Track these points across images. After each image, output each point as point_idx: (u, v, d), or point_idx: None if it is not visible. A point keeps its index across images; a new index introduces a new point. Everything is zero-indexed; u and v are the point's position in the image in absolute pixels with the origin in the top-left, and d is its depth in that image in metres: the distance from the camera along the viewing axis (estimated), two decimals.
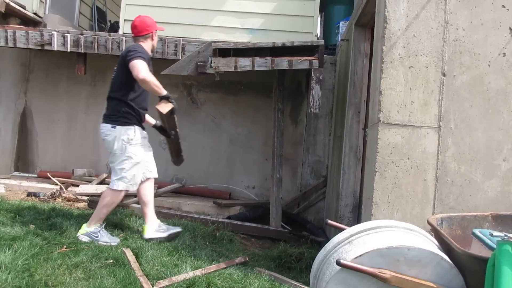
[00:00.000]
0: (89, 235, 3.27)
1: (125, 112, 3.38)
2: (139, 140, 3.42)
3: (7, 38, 4.96)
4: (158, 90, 3.35)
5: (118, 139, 3.35)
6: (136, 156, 3.39)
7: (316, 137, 5.60)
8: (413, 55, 2.73)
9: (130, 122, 3.39)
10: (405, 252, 1.94)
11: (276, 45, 4.26)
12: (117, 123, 3.36)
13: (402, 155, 2.72)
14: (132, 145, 3.37)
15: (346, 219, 4.11)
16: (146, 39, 3.51)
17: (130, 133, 3.37)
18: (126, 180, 3.37)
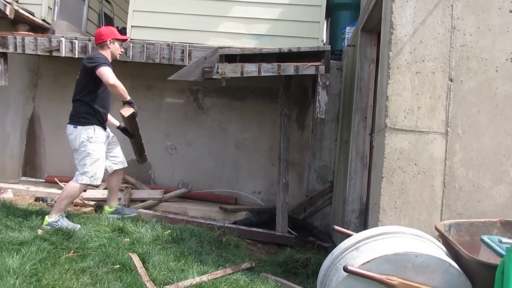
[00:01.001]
0: (50, 225, 3.57)
1: (85, 112, 3.75)
2: (99, 138, 3.78)
3: (16, 44, 5.01)
4: (124, 95, 3.75)
5: (79, 138, 3.71)
6: (96, 153, 3.75)
7: (322, 142, 5.59)
8: (420, 60, 2.73)
9: (90, 122, 3.75)
10: (412, 258, 1.92)
11: (282, 51, 4.27)
12: (78, 123, 3.74)
13: (409, 161, 2.71)
14: (92, 143, 3.73)
15: (353, 225, 4.09)
16: (103, 47, 3.92)
17: (90, 132, 3.73)
18: (88, 175, 3.72)
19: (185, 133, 5.81)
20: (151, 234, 3.58)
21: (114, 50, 3.95)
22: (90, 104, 3.76)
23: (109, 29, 4.01)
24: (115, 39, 3.94)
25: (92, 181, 3.74)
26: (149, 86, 5.84)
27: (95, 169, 3.74)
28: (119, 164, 4.09)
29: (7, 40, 5.03)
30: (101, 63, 3.64)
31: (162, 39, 5.79)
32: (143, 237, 3.49)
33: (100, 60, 3.67)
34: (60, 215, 3.66)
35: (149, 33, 5.86)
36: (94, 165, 3.73)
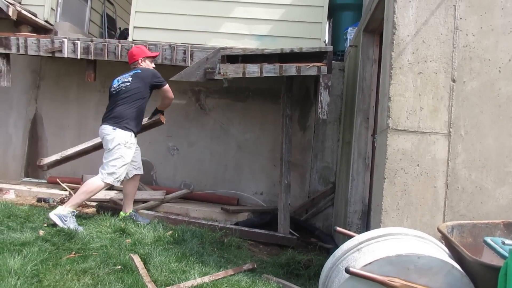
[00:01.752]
0: (60, 217, 3.61)
1: (129, 118, 3.96)
2: (133, 145, 3.99)
3: (19, 45, 5.02)
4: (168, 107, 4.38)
5: (116, 140, 3.86)
6: (127, 158, 3.91)
7: (324, 143, 5.58)
8: (422, 61, 2.72)
9: (130, 128, 3.95)
10: (415, 260, 1.91)
11: (284, 51, 4.27)
12: (119, 126, 3.91)
13: (411, 162, 2.70)
14: (127, 148, 3.90)
15: (355, 226, 4.08)
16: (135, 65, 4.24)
17: (127, 137, 3.92)
18: (115, 176, 3.85)
19: (187, 134, 5.81)
20: (152, 235, 3.57)
21: (146, 66, 4.22)
22: (137, 112, 4.01)
23: (139, 48, 4.31)
24: (145, 57, 4.23)
25: (115, 182, 3.89)
26: None
27: (122, 172, 3.90)
28: (138, 170, 4.22)
29: (10, 41, 5.03)
30: (166, 82, 4.17)
31: (164, 40, 5.79)
32: (144, 238, 3.49)
33: (164, 81, 4.16)
34: (72, 212, 3.70)
35: (151, 34, 5.86)
36: (122, 168, 3.89)
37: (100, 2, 7.45)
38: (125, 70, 5.74)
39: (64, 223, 3.57)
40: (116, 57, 4.99)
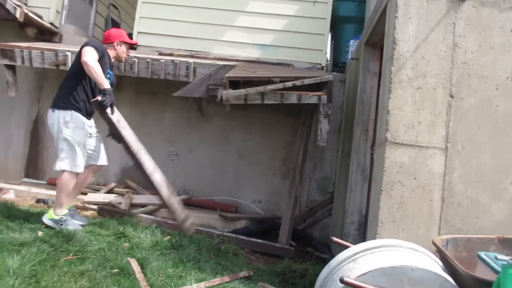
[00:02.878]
0: (55, 222, 3.56)
1: (65, 98, 3.63)
2: (77, 124, 3.62)
3: (23, 57, 5.08)
4: (97, 79, 3.52)
5: (57, 123, 3.61)
6: (72, 138, 3.60)
7: (324, 153, 5.62)
8: (421, 76, 2.76)
9: (68, 106, 3.61)
10: (409, 272, 1.94)
11: (286, 86, 4.10)
12: (56, 107, 3.64)
13: (408, 175, 2.73)
14: (69, 128, 3.59)
15: (352, 237, 4.10)
16: (109, 47, 3.88)
17: (66, 116, 3.60)
18: (67, 161, 3.60)
19: (187, 140, 5.85)
20: (150, 239, 3.59)
21: (120, 52, 3.94)
22: (74, 88, 3.64)
23: (118, 31, 4.02)
24: (122, 42, 3.92)
25: (73, 168, 3.60)
26: (153, 92, 5.89)
27: (73, 155, 3.60)
28: (96, 160, 3.87)
29: (15, 53, 5.10)
30: (90, 45, 3.58)
31: (167, 45, 5.88)
32: (142, 242, 3.51)
33: (90, 43, 3.61)
34: (65, 213, 3.63)
35: (155, 39, 5.94)
36: (71, 151, 3.59)
37: (105, 6, 7.54)
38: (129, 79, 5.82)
39: (61, 226, 3.57)
40: (120, 71, 5.01)
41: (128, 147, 3.69)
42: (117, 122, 3.63)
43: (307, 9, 5.72)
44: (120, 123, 3.66)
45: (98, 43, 3.73)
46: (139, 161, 3.71)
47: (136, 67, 4.99)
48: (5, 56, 5.14)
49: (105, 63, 3.70)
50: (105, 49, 3.76)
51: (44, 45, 5.39)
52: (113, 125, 3.67)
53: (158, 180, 3.76)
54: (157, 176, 3.78)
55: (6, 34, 5.84)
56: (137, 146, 3.73)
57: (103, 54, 3.68)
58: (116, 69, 5.07)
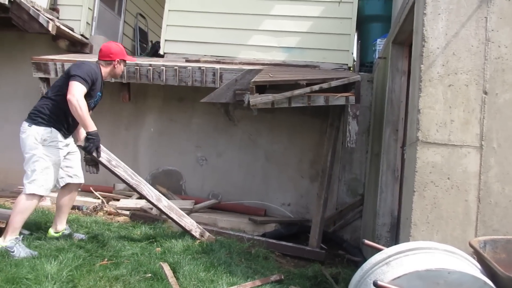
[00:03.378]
0: (5, 250, 3.06)
1: (43, 112, 3.31)
2: (54, 142, 3.31)
3: (56, 70, 5.29)
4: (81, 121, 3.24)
5: (31, 138, 3.25)
6: (48, 158, 3.26)
7: (352, 154, 5.54)
8: (452, 73, 2.69)
9: (47, 123, 3.30)
10: (445, 275, 1.89)
11: (313, 90, 4.07)
12: (33, 122, 3.29)
13: (442, 175, 2.66)
14: (46, 147, 3.26)
15: (384, 239, 4.02)
16: (108, 64, 3.57)
17: (45, 133, 3.28)
18: (37, 183, 3.22)
19: (215, 144, 5.89)
20: (181, 244, 3.63)
21: (119, 71, 3.64)
22: (58, 106, 3.31)
23: (119, 47, 3.64)
24: (122, 60, 3.63)
25: (43, 191, 3.25)
26: (181, 98, 5.97)
27: (46, 176, 3.24)
28: (73, 178, 3.56)
29: (48, 67, 5.31)
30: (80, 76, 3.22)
31: (194, 52, 5.95)
32: (174, 246, 3.55)
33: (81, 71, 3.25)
34: (15, 238, 3.14)
35: (182, 46, 6.03)
36: (44, 172, 3.23)
37: (133, 16, 7.72)
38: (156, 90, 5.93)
39: (13, 254, 3.04)
40: (148, 80, 5.14)
41: (127, 183, 3.57)
42: (108, 163, 3.41)
43: (332, 10, 5.68)
44: (112, 163, 3.44)
45: (88, 70, 3.33)
46: (142, 193, 3.63)
47: (164, 75, 5.09)
48: (40, 70, 5.35)
49: (95, 88, 3.43)
50: (97, 73, 3.43)
51: (76, 57, 5.56)
52: (104, 166, 3.43)
53: (165, 206, 3.72)
54: (163, 203, 3.73)
55: (40, 47, 6.07)
56: (136, 180, 3.59)
57: (95, 79, 3.38)
58: (145, 77, 5.19)
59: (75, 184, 3.61)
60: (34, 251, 3.14)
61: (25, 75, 6.01)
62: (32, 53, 5.76)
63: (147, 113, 6.01)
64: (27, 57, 5.70)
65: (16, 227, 3.17)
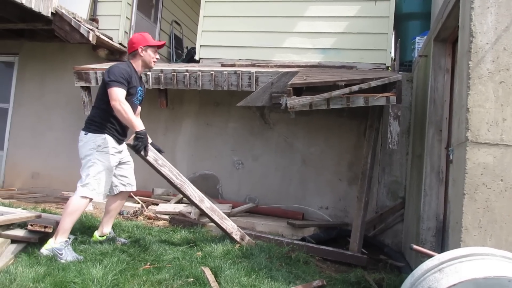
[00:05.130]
0: (53, 251, 3.16)
1: (97, 120, 3.46)
2: (108, 149, 3.43)
3: (97, 78, 5.46)
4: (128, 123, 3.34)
5: (87, 146, 3.41)
6: (101, 163, 3.39)
7: (392, 156, 5.40)
8: (504, 69, 2.55)
9: (101, 130, 3.44)
10: (505, 283, 1.77)
11: (352, 90, 3.96)
12: (89, 130, 3.45)
13: (494, 177, 2.52)
14: (99, 152, 3.40)
15: (429, 244, 3.88)
16: (134, 56, 3.59)
17: (99, 139, 3.41)
18: (90, 187, 3.35)
19: (251, 148, 5.88)
20: (221, 248, 3.63)
21: (147, 58, 3.59)
22: (106, 111, 3.45)
23: (140, 35, 3.63)
24: (147, 46, 3.58)
25: (94, 195, 3.36)
26: (217, 103, 6.01)
27: (99, 181, 3.38)
28: (127, 186, 3.71)
29: (89, 76, 5.49)
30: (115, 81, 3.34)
31: (229, 56, 5.98)
32: (214, 251, 3.55)
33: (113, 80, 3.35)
34: (65, 241, 3.24)
35: (217, 51, 6.07)
36: (98, 177, 3.37)
37: (168, 23, 7.85)
38: (192, 95, 5.99)
39: (61, 257, 3.13)
40: (185, 86, 5.22)
41: (171, 182, 3.61)
42: (154, 162, 3.48)
43: (369, 9, 5.56)
44: (158, 162, 3.51)
45: (118, 71, 3.41)
46: (185, 193, 3.67)
47: (200, 80, 5.13)
48: (81, 79, 5.52)
49: (133, 86, 3.50)
50: (129, 70, 3.48)
51: None
52: (151, 165, 3.50)
53: (208, 208, 3.72)
54: (206, 204, 3.73)
55: (81, 56, 6.27)
56: (180, 180, 3.64)
57: (130, 77, 3.44)
58: (182, 83, 5.25)
59: (127, 192, 3.76)
60: (79, 255, 3.22)
61: (67, 84, 6.23)
62: (73, 62, 5.96)
63: (184, 118, 6.08)
64: (69, 66, 5.91)
65: (65, 228, 3.27)
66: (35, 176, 6.44)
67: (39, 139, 6.50)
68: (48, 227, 3.34)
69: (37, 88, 6.58)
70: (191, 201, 3.74)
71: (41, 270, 2.85)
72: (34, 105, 6.57)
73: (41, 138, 6.49)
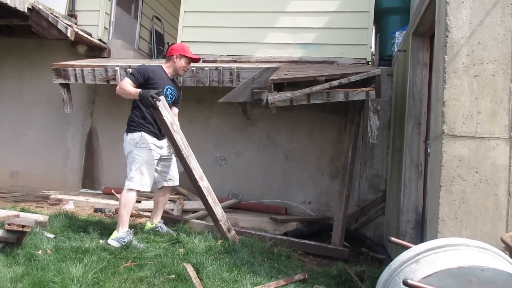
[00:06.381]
0: (118, 240, 3.53)
1: (133, 120, 3.83)
2: (145, 144, 3.75)
3: (76, 75, 5.39)
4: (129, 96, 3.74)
5: (128, 144, 3.79)
6: (141, 158, 3.72)
7: (373, 150, 5.46)
8: (478, 63, 2.60)
9: (137, 129, 3.79)
10: (478, 272, 1.82)
11: (333, 85, 3.99)
12: (128, 130, 3.84)
13: (469, 169, 2.58)
14: (138, 148, 3.74)
15: (408, 236, 3.94)
16: (169, 60, 4.00)
17: (136, 137, 3.76)
18: (134, 180, 3.68)
19: (234, 144, 5.88)
20: (204, 244, 3.62)
21: (179, 65, 3.97)
22: (139, 111, 3.82)
23: (181, 45, 4.09)
24: (182, 55, 3.95)
25: (139, 187, 3.69)
26: (198, 99, 5.98)
27: (140, 174, 3.70)
28: (169, 182, 4.03)
29: (68, 72, 5.40)
30: (132, 73, 3.80)
31: (210, 52, 5.95)
32: (196, 247, 3.54)
33: (132, 72, 3.82)
34: (127, 230, 3.62)
35: (199, 47, 6.00)
36: (139, 170, 3.69)
37: (149, 19, 7.77)
38: None
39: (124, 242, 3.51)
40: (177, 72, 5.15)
41: (179, 150, 3.75)
42: (170, 126, 3.71)
43: (349, 4, 5.59)
44: (174, 127, 3.74)
45: (139, 68, 3.82)
46: (189, 165, 3.75)
47: (181, 77, 5.09)
48: (60, 76, 5.43)
49: (155, 82, 3.77)
50: (154, 69, 3.85)
51: (95, 62, 5.62)
52: (166, 127, 3.71)
53: (205, 187, 3.79)
54: (204, 183, 3.81)
55: (60, 53, 6.17)
56: (187, 151, 3.78)
57: (150, 74, 3.78)
58: None
59: (168, 187, 4.09)
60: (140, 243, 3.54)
61: (46, 81, 6.12)
62: (52, 59, 5.85)
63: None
64: (48, 63, 5.80)
65: (123, 220, 3.64)
66: (14, 175, 6.33)
67: (19, 138, 6.38)
68: (27, 227, 3.28)
69: (15, 85, 6.46)
70: (191, 176, 3.78)
71: (20, 270, 2.81)
72: (13, 103, 6.45)
73: (20, 137, 6.38)
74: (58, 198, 5.47)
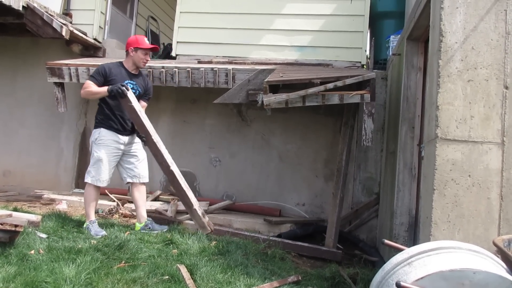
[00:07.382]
0: (87, 228, 3.87)
1: (96, 117, 4.04)
2: (103, 140, 3.92)
3: (71, 74, 5.35)
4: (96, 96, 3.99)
5: (91, 140, 4.02)
6: (96, 154, 3.90)
7: (367, 153, 5.48)
8: (472, 68, 2.63)
9: (97, 125, 3.99)
10: (470, 275, 1.84)
11: (328, 88, 4.02)
12: (94, 127, 4.05)
13: (462, 172, 2.60)
14: (96, 145, 3.92)
15: (402, 238, 3.96)
16: (127, 55, 4.13)
17: (95, 133, 3.96)
18: (90, 174, 3.91)
19: (229, 145, 5.88)
20: (198, 245, 3.62)
21: (136, 58, 4.06)
22: (101, 108, 4.01)
23: (134, 38, 4.17)
24: (137, 48, 4.03)
25: (93, 181, 3.89)
26: (193, 100, 5.97)
27: (97, 169, 3.89)
28: (134, 178, 4.09)
29: (63, 71, 5.36)
30: (90, 76, 4.04)
31: (206, 53, 5.95)
32: (190, 248, 3.54)
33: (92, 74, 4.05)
34: (91, 222, 3.89)
35: (194, 48, 6.03)
36: (95, 166, 3.89)
37: (144, 18, 7.75)
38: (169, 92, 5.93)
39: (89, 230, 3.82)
40: (161, 82, 5.17)
41: (149, 135, 3.95)
42: (139, 112, 3.90)
43: (345, 7, 5.62)
44: (142, 114, 3.95)
45: (97, 68, 4.02)
46: (160, 150, 3.98)
47: (177, 77, 5.09)
48: (54, 75, 5.40)
49: (113, 79, 3.93)
50: (111, 66, 4.01)
51: (89, 61, 5.60)
52: (135, 113, 3.89)
53: (177, 172, 4.02)
54: (175, 168, 4.02)
55: (54, 52, 6.14)
56: (157, 137, 4.01)
57: (107, 72, 3.95)
58: (158, 80, 5.19)
59: (141, 184, 4.15)
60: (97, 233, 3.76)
61: (40, 80, 6.09)
62: (46, 58, 5.82)
63: (160, 115, 6.02)
64: (42, 62, 5.77)
65: (86, 212, 3.97)
66: (7, 174, 6.28)
67: (11, 136, 6.34)
68: (19, 226, 3.26)
69: (9, 83, 6.41)
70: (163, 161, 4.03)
71: (12, 269, 2.78)
72: (6, 101, 6.40)
73: (13, 135, 6.34)
74: (51, 198, 5.44)
